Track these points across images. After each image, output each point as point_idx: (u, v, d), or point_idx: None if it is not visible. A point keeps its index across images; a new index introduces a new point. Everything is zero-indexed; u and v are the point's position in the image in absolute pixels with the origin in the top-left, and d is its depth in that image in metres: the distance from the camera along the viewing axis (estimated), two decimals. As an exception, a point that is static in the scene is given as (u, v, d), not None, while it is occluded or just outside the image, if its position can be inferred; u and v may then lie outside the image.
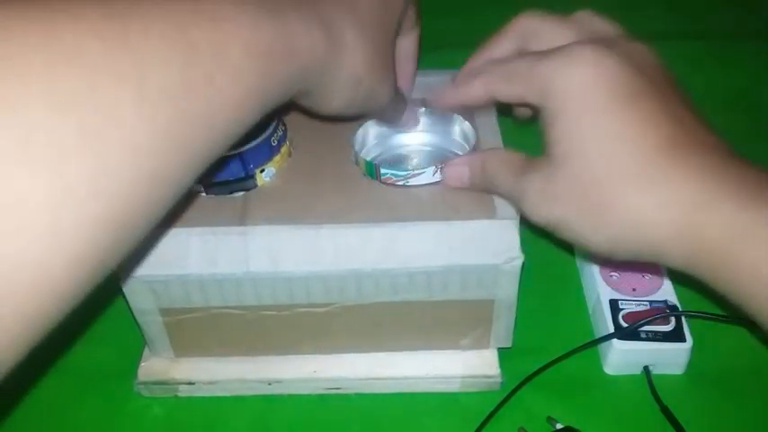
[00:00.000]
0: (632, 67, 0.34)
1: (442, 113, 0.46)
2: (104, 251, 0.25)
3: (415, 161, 0.46)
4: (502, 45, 0.40)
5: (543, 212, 0.35)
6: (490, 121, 0.46)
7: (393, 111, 0.44)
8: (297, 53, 0.32)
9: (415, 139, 0.47)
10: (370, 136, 0.46)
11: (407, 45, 0.45)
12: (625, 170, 0.32)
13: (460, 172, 0.41)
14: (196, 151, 0.28)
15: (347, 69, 0.36)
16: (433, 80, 0.48)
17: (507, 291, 0.41)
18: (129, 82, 0.24)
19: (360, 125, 0.45)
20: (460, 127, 0.46)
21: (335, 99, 0.37)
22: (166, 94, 0.26)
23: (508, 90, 0.37)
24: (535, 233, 0.40)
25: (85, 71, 0.23)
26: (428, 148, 0.47)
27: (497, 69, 0.38)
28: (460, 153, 0.45)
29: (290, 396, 0.45)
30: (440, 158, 0.45)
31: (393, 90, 0.41)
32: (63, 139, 0.22)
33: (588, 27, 0.38)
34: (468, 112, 0.45)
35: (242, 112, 0.30)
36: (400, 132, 0.47)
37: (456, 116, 0.46)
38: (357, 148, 0.44)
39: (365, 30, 0.36)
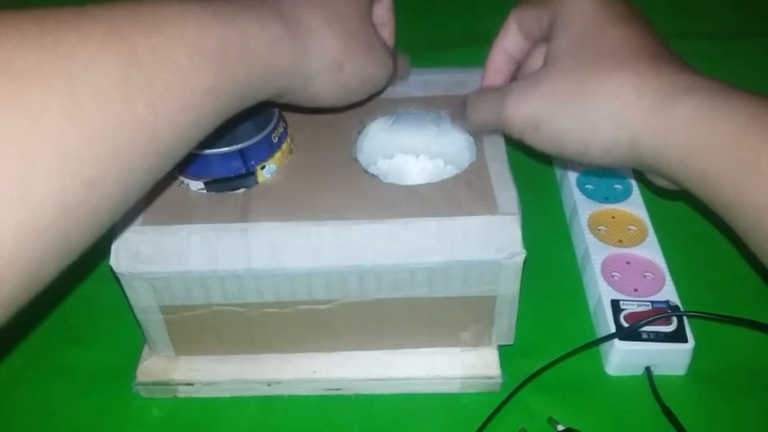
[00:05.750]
0: (615, 1, 0.39)
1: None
2: (35, 260, 0.25)
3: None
4: (510, 40, 0.44)
5: (525, 108, 0.38)
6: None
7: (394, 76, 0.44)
8: (253, 51, 0.32)
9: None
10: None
11: (381, 12, 0.45)
12: (607, 63, 0.37)
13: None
14: (140, 156, 0.28)
15: (320, 57, 0.36)
16: (434, 78, 0.49)
17: (509, 287, 0.41)
18: (58, 89, 0.24)
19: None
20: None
21: (322, 89, 0.37)
22: (101, 100, 0.26)
23: (530, 22, 0.42)
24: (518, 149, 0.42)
25: (11, 80, 0.24)
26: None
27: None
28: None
29: (290, 397, 0.45)
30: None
31: (389, 66, 0.41)
32: None
33: None
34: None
35: (193, 115, 0.30)
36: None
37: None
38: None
39: (331, 13, 0.36)
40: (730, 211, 0.34)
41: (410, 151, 0.46)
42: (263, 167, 0.41)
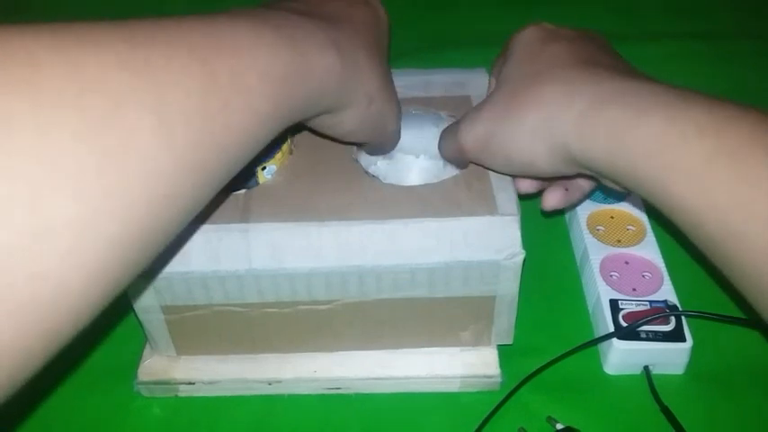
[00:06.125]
0: (559, 28, 0.42)
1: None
2: (118, 269, 0.26)
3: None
4: None
5: (474, 131, 0.41)
6: None
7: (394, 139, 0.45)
8: (312, 76, 0.33)
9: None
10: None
11: None
12: (540, 76, 0.39)
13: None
14: (210, 173, 0.29)
15: (358, 88, 0.37)
16: (434, 78, 0.49)
17: (509, 287, 0.41)
18: (150, 110, 0.25)
19: None
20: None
21: (347, 119, 0.38)
22: (184, 121, 0.27)
23: (497, 69, 0.44)
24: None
25: (109, 99, 0.24)
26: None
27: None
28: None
29: (291, 396, 0.45)
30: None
31: (400, 116, 0.42)
32: (86, 165, 0.23)
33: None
34: None
35: (257, 134, 0.31)
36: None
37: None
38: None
39: (372, 53, 0.38)
40: (668, 212, 0.35)
41: (410, 152, 0.47)
42: (263, 168, 0.42)
